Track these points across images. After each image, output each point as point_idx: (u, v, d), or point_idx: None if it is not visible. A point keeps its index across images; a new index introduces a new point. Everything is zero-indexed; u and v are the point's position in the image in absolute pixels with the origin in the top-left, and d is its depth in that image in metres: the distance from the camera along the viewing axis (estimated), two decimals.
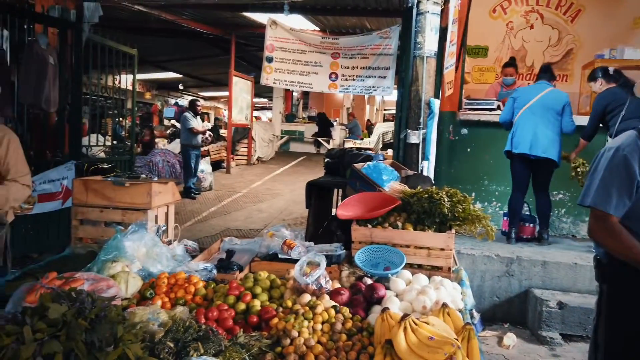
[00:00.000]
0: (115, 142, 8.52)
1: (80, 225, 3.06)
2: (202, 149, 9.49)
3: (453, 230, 2.73)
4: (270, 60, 7.63)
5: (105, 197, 2.97)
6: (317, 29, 9.59)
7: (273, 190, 9.70)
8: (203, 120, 9.82)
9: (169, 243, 3.01)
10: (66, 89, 5.56)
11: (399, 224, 2.80)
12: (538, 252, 4.54)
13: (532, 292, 4.25)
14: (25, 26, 5.21)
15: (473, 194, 5.15)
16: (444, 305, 2.01)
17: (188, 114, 8.82)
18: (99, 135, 7.67)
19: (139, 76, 14.00)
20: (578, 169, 4.77)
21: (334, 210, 6.63)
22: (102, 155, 7.69)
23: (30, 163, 2.89)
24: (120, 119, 9.71)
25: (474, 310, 2.44)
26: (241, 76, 11.99)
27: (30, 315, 1.33)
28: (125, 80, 7.39)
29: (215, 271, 2.61)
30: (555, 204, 5.33)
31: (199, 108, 8.94)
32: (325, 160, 6.26)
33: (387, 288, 2.34)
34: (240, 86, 11.91)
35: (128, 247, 2.65)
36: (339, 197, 6.63)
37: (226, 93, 22.55)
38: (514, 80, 6.00)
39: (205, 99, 27.11)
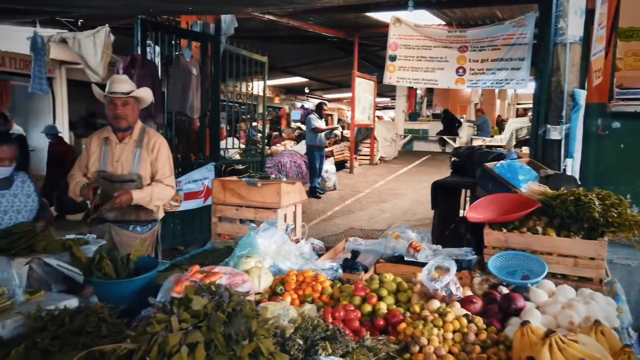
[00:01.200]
0: (248, 144, 9.12)
1: (218, 222, 3.30)
2: (326, 149, 9.72)
3: (606, 238, 2.40)
4: (393, 58, 7.53)
5: (240, 196, 3.17)
6: (443, 22, 9.25)
7: (396, 190, 9.58)
8: (327, 123, 10.06)
9: (297, 241, 3.11)
10: (206, 96, 6.09)
11: (539, 228, 2.55)
12: None
13: None
14: (172, 41, 5.81)
15: (628, 196, 4.51)
16: (597, 322, 1.77)
17: (313, 115, 9.12)
18: (234, 139, 8.27)
19: (269, 82, 14.91)
20: None
21: (461, 211, 6.32)
22: (237, 157, 8.29)
23: (177, 165, 3.22)
24: (254, 123, 10.39)
25: (630, 329, 2.12)
26: (364, 77, 12.06)
27: (177, 305, 1.44)
28: (257, 87, 7.88)
29: (340, 271, 2.63)
30: None
31: (324, 111, 9.18)
32: (452, 159, 6.01)
33: (526, 299, 2.13)
34: (363, 87, 11.98)
35: (260, 244, 2.78)
36: (467, 198, 6.31)
37: (349, 94, 22.93)
38: None
39: (329, 100, 27.82)
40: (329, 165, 9.56)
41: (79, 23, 7.46)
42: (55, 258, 2.29)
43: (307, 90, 21.25)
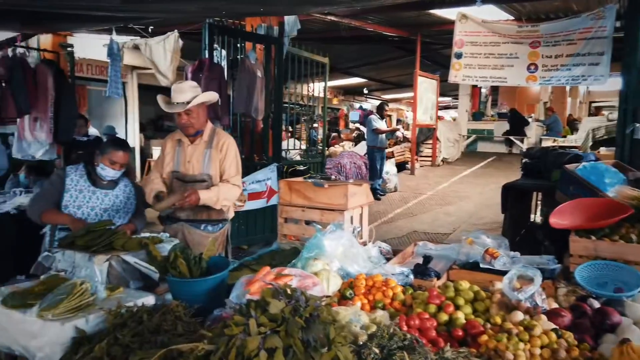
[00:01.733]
0: (309, 145, 9.16)
1: (284, 223, 3.30)
2: (387, 150, 9.56)
3: None
4: (459, 56, 7.30)
5: (306, 197, 3.15)
6: (511, 17, 8.85)
7: (460, 192, 9.26)
8: (387, 124, 9.91)
9: (364, 244, 3.04)
10: (269, 98, 6.16)
11: (634, 236, 2.33)
12: None
13: None
14: (238, 45, 5.92)
15: None
16: None
17: (374, 116, 9.01)
18: (295, 140, 8.33)
19: (328, 83, 14.93)
20: None
21: (532, 216, 5.99)
22: (297, 158, 8.33)
23: (242, 165, 3.25)
24: (314, 124, 10.44)
25: None
26: (426, 75, 11.78)
27: (254, 308, 1.42)
28: (317, 88, 7.88)
29: (412, 276, 2.53)
30: None
31: (385, 112, 9.04)
32: (523, 160, 5.71)
33: (621, 314, 1.95)
34: (425, 86, 11.71)
35: (327, 246, 2.73)
36: (538, 202, 5.98)
37: (408, 94, 22.45)
38: None
39: (388, 101, 27.45)
40: (389, 167, 9.41)
41: (150, 30, 7.81)
42: (133, 256, 2.37)
43: (365, 91, 21.09)
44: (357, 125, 19.25)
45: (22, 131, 4.45)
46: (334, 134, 16.62)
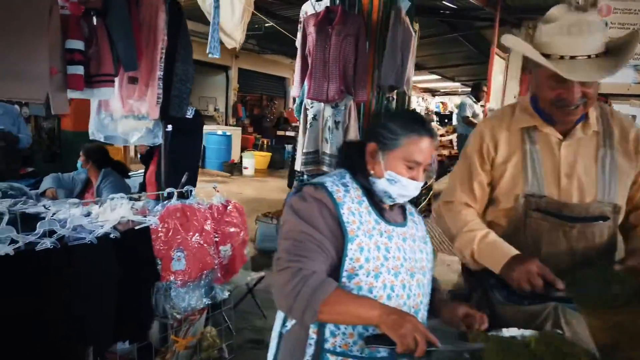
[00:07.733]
0: None
1: None
2: None
3: None
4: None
5: None
6: None
7: None
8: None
9: None
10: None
11: None
12: None
13: None
14: None
15: None
16: None
17: (468, 100, 7.47)
18: None
19: None
20: None
21: None
22: None
23: None
24: None
25: None
26: (500, 55, 10.16)
27: None
28: None
29: None
30: None
31: (482, 92, 7.47)
32: None
33: None
34: (497, 67, 10.11)
35: None
36: None
37: (423, 77, 20.49)
38: None
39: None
40: None
41: None
42: None
43: None
44: None
45: (109, 99, 2.51)
46: None
